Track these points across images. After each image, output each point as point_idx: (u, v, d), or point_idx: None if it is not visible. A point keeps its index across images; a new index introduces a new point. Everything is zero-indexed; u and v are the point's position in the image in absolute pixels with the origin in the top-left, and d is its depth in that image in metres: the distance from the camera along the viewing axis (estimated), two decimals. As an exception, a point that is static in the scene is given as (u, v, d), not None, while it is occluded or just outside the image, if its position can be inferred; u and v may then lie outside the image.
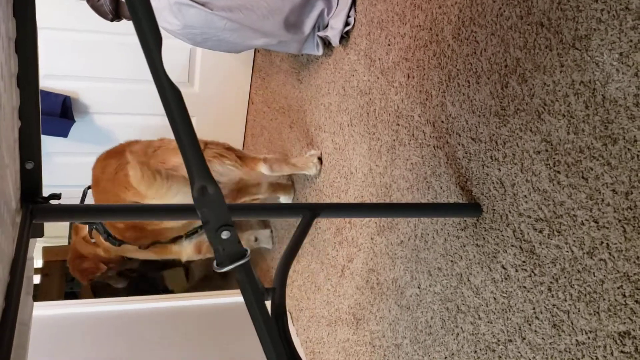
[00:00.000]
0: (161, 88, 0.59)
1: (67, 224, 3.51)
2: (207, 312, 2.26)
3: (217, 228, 0.70)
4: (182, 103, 0.61)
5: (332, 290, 1.89)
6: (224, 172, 1.98)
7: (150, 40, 0.57)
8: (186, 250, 2.22)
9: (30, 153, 0.96)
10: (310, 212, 1.06)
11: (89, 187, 2.25)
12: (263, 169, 2.01)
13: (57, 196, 0.99)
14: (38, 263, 3.84)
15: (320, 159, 2.02)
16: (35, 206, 0.96)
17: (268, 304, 0.86)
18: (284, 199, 2.27)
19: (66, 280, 4.07)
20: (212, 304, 2.26)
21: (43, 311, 2.10)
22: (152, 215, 1.02)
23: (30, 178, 0.97)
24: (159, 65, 0.58)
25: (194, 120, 2.49)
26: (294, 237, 0.98)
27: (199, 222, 1.87)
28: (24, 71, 0.90)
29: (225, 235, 0.70)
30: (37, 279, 3.94)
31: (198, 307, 2.26)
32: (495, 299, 1.15)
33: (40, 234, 1.03)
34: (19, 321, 0.84)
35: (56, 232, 4.02)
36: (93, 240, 2.29)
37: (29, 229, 0.94)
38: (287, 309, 2.27)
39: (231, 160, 1.99)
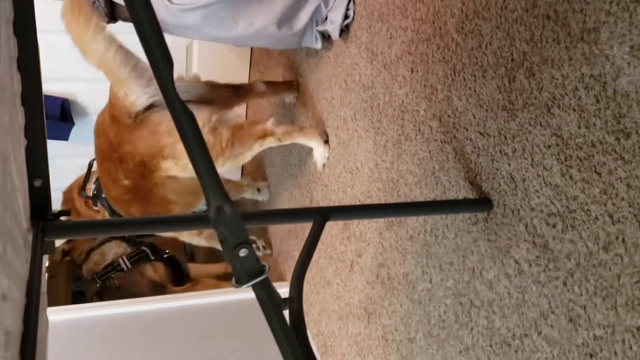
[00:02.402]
0: (174, 111, 0.58)
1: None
2: (223, 309, 2.26)
3: (234, 246, 0.69)
4: (195, 125, 0.61)
5: (342, 284, 1.89)
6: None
7: (162, 64, 0.56)
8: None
9: (37, 170, 0.96)
10: (321, 217, 1.06)
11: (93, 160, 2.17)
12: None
13: (66, 213, 0.99)
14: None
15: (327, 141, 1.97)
16: (46, 224, 0.96)
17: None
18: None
19: (73, 279, 4.09)
20: (228, 301, 2.26)
21: (53, 317, 2.11)
22: (165, 227, 1.01)
23: (39, 195, 0.97)
24: (171, 89, 0.57)
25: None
26: (307, 243, 0.98)
27: (202, 199, 1.86)
28: (27, 89, 0.90)
29: (243, 253, 0.70)
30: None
31: (212, 305, 2.26)
32: (509, 293, 1.15)
33: (51, 249, 1.02)
34: (37, 338, 0.84)
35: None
36: (96, 209, 2.25)
37: (42, 247, 0.94)
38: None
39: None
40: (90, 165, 2.36)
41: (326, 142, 1.97)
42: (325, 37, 1.87)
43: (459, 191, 1.28)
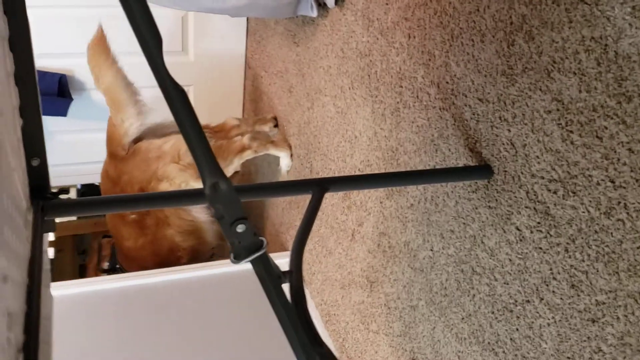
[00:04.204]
0: (165, 90, 0.57)
1: (72, 196, 3.55)
2: (231, 280, 2.27)
3: (232, 222, 0.69)
4: (187, 103, 0.60)
5: (344, 253, 1.90)
6: None
7: (150, 41, 0.54)
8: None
9: (35, 150, 0.95)
10: (319, 188, 1.05)
11: None
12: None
13: (65, 191, 0.98)
14: (51, 236, 3.89)
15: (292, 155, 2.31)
16: (46, 202, 0.96)
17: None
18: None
19: (78, 253, 4.13)
20: (235, 271, 2.28)
21: (60, 291, 2.12)
22: (163, 203, 1.01)
23: (38, 175, 0.96)
24: (161, 68, 0.56)
25: (191, 90, 2.46)
26: (306, 215, 0.97)
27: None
28: (20, 68, 0.88)
29: (240, 228, 0.70)
30: (51, 254, 3.99)
31: (219, 275, 2.28)
32: (510, 260, 1.15)
33: (52, 228, 1.02)
34: (41, 316, 0.85)
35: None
36: None
37: (42, 226, 0.94)
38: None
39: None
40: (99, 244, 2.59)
41: (291, 155, 2.32)
42: (321, 4, 1.83)
43: (459, 158, 1.27)
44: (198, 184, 2.20)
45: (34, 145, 0.93)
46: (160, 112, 2.18)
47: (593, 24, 0.91)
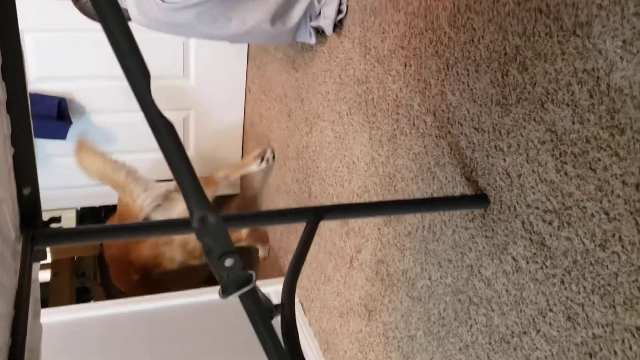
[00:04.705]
0: (153, 124, 0.57)
1: (72, 216, 3.54)
2: (224, 306, 2.25)
3: (220, 256, 0.68)
4: (175, 136, 0.59)
5: (342, 281, 1.88)
6: None
7: (138, 78, 0.54)
8: None
9: (26, 178, 0.94)
10: (314, 217, 1.05)
11: None
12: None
13: (56, 219, 0.98)
14: (47, 259, 3.87)
15: (264, 157, 2.51)
16: (36, 231, 0.95)
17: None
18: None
19: (77, 276, 4.10)
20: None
21: (55, 317, 2.11)
22: (152, 232, 1.00)
23: (29, 203, 0.95)
24: (148, 103, 0.55)
25: (191, 113, 2.47)
26: (299, 246, 0.97)
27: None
28: (12, 96, 0.88)
29: (228, 262, 0.69)
30: (47, 276, 3.97)
31: (210, 302, 2.26)
32: (507, 290, 1.14)
33: (43, 257, 1.01)
34: (28, 348, 0.83)
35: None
36: None
37: (31, 256, 0.93)
38: (298, 299, 2.27)
39: None
40: None
41: (262, 159, 2.53)
42: (319, 32, 1.84)
43: (456, 187, 1.27)
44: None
45: (25, 173, 0.93)
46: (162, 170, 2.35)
47: (585, 57, 0.91)
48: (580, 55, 0.91)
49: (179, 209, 2.34)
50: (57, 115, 2.50)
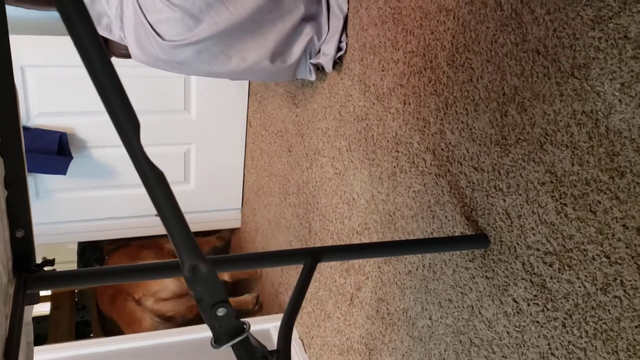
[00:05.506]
0: (143, 173, 0.56)
1: (74, 248, 3.52)
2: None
3: (212, 305, 0.67)
4: (165, 185, 0.58)
5: (342, 318, 1.86)
6: None
7: (128, 127, 0.54)
8: None
9: (19, 221, 0.93)
10: (311, 258, 1.03)
11: None
12: None
13: (50, 262, 0.96)
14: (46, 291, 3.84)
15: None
16: (29, 275, 0.94)
17: None
18: None
19: (77, 309, 4.06)
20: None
21: (53, 355, 2.08)
22: (146, 275, 0.99)
23: (22, 246, 0.94)
24: (138, 152, 0.55)
25: (192, 148, 2.47)
26: (296, 288, 0.95)
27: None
28: (6, 138, 0.87)
29: (221, 312, 0.67)
30: (46, 309, 3.93)
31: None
32: (508, 332, 1.11)
33: (35, 300, 1.00)
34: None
35: (65, 257, 4.01)
36: None
37: (24, 300, 0.91)
38: (298, 336, 2.24)
39: None
40: None
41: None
42: (319, 69, 1.85)
43: (456, 226, 1.25)
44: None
45: (19, 216, 0.92)
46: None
47: (584, 98, 0.90)
48: (578, 97, 0.91)
49: None
50: (57, 150, 2.51)
